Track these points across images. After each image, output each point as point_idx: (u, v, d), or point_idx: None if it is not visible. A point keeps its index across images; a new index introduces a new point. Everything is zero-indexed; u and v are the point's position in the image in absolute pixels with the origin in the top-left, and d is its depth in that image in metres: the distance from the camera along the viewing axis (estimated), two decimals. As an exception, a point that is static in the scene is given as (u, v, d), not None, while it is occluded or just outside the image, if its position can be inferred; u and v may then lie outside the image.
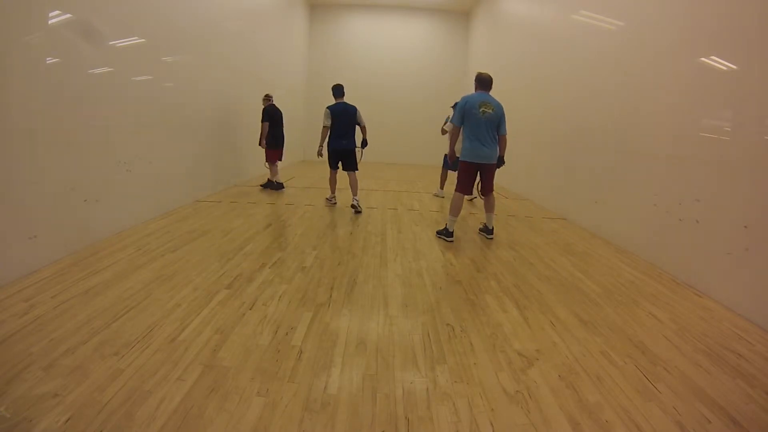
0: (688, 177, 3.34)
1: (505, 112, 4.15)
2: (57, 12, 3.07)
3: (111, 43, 3.71)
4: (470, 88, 4.42)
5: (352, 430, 1.53)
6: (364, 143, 5.40)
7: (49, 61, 3.04)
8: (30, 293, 2.50)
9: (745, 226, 2.74)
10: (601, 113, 4.83)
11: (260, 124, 6.49)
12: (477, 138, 4.00)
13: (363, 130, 5.40)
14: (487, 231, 4.32)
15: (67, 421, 1.48)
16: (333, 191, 5.81)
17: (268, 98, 6.66)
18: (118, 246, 3.45)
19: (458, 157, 4.28)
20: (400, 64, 12.66)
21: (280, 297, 2.64)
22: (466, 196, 4.32)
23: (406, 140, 8.20)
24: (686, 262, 3.28)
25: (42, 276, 2.76)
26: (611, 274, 3.37)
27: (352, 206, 5.32)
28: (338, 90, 5.60)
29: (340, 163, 5.40)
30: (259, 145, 6.52)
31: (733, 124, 3.00)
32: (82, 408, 1.55)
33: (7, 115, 2.68)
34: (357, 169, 5.38)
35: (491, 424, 1.58)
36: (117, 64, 3.74)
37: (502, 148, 4.14)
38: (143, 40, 4.13)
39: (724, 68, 3.07)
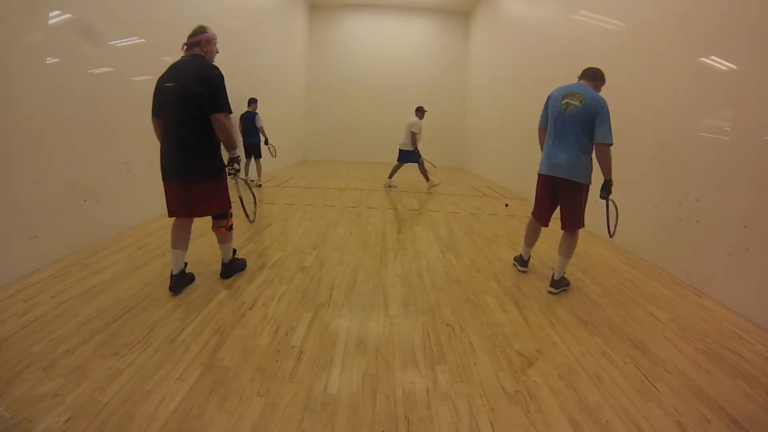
0: (688, 177, 3.34)
1: (506, 113, 3.97)
2: (57, 12, 3.07)
3: (111, 43, 3.71)
4: (469, 87, 4.40)
5: (352, 430, 1.53)
6: (266, 141, 7.17)
7: (49, 61, 3.04)
8: (30, 293, 2.50)
9: (745, 226, 2.74)
10: (601, 113, 4.82)
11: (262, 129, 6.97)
12: (554, 141, 2.88)
13: (261, 130, 6.98)
14: (551, 281, 2.95)
15: (67, 421, 1.48)
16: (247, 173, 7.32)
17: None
18: (118, 246, 3.46)
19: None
20: (400, 64, 12.66)
21: (280, 297, 2.64)
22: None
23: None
24: (686, 262, 3.28)
25: (42, 276, 2.76)
26: (611, 274, 3.37)
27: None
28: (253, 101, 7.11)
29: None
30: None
31: (733, 124, 3.00)
32: (82, 408, 1.55)
33: (7, 115, 2.68)
34: (261, 156, 7.11)
35: (491, 424, 1.58)
36: (117, 64, 3.73)
37: (604, 165, 2.76)
38: (143, 40, 4.13)
39: (724, 68, 3.07)
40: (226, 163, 2.63)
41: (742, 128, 2.90)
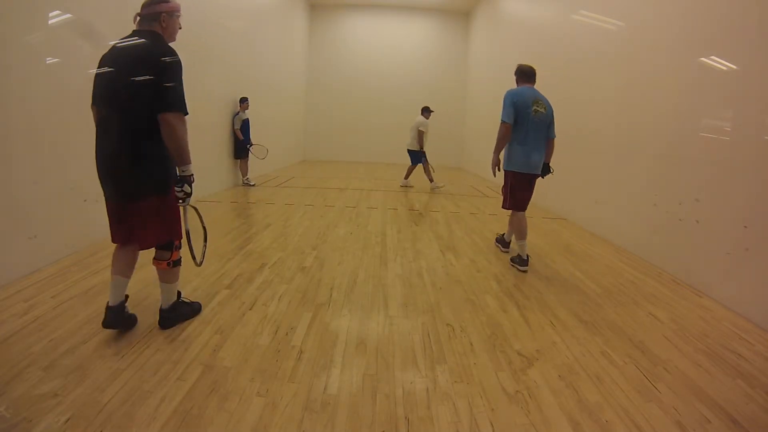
0: (688, 177, 3.34)
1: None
2: (57, 12, 3.07)
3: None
4: (469, 87, 4.40)
5: (352, 430, 1.53)
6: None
7: (49, 61, 3.04)
8: (30, 293, 2.50)
9: (745, 226, 2.74)
10: (601, 113, 4.83)
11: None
12: (530, 143, 3.35)
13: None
14: (503, 243, 3.87)
15: (67, 421, 1.48)
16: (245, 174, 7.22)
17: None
18: (118, 246, 3.45)
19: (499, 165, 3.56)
20: (400, 65, 12.67)
21: (280, 297, 2.64)
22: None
23: (406, 140, 8.30)
24: (686, 262, 3.28)
25: (42, 276, 2.76)
26: (611, 274, 3.37)
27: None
28: (243, 100, 6.89)
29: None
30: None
31: (733, 124, 3.00)
32: (82, 408, 1.55)
33: (7, 115, 2.68)
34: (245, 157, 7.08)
35: (491, 424, 1.58)
36: (117, 64, 3.73)
37: (549, 154, 3.55)
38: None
39: (724, 68, 3.07)
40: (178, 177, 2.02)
41: (742, 128, 2.90)
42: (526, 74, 3.51)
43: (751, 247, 2.69)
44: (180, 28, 2.14)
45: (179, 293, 2.28)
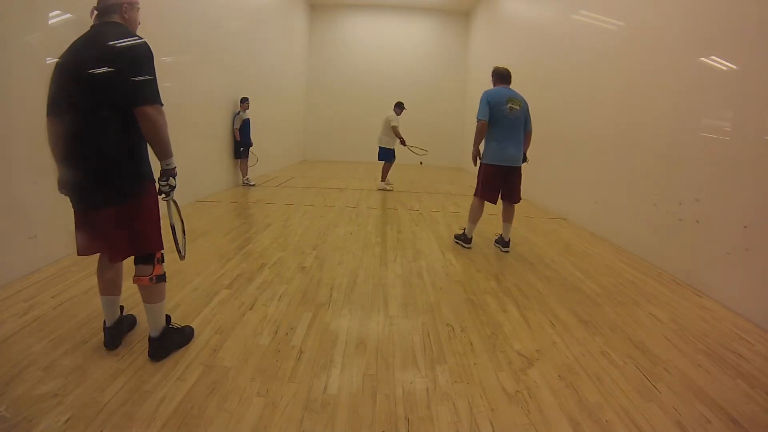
0: (688, 177, 3.34)
1: None
2: (57, 12, 3.07)
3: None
4: (469, 87, 4.42)
5: (352, 430, 1.53)
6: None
7: (49, 61, 3.03)
8: (30, 293, 2.50)
9: (745, 226, 2.74)
10: (600, 113, 4.83)
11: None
12: (505, 138, 3.64)
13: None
14: (503, 243, 3.88)
15: (67, 421, 1.48)
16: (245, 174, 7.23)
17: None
18: (118, 246, 3.45)
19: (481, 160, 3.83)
20: (400, 65, 12.66)
21: (280, 297, 2.64)
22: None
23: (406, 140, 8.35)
24: (686, 262, 3.28)
25: (42, 276, 2.76)
26: (611, 274, 3.37)
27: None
28: (243, 100, 6.89)
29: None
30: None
31: (733, 124, 3.00)
32: (82, 408, 1.55)
33: (7, 115, 2.68)
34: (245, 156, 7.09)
35: (491, 424, 1.58)
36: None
37: (526, 145, 3.81)
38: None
39: (724, 68, 3.07)
40: (158, 176, 1.83)
41: (742, 128, 2.90)
42: (501, 76, 3.80)
43: (751, 247, 2.69)
44: (139, 23, 1.94)
45: (169, 318, 2.03)
